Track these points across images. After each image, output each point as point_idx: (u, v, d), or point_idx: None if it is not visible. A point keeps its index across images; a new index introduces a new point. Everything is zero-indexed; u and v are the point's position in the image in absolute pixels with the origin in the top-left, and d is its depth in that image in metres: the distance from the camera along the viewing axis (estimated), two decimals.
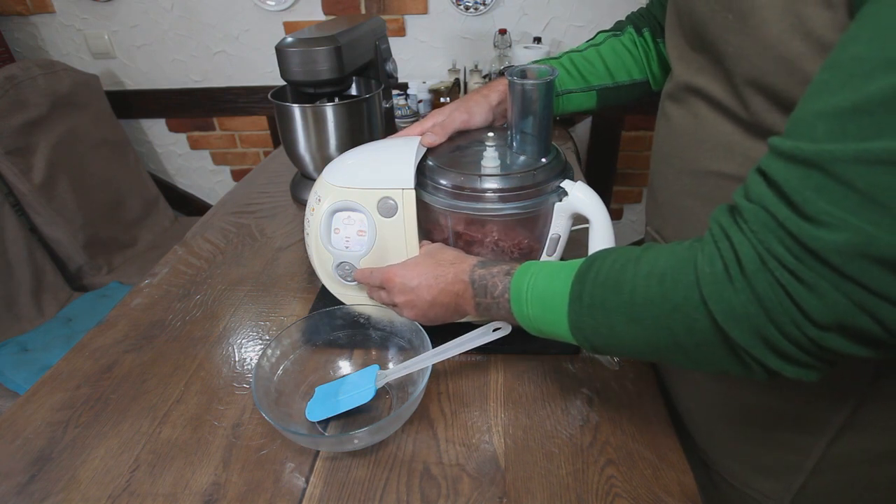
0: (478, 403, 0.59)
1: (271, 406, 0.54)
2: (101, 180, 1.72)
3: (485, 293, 0.51)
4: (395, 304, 0.59)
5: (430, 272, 0.55)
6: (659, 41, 0.68)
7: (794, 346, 0.33)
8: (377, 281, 0.60)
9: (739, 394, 0.54)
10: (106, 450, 0.55)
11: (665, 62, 0.69)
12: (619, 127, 1.90)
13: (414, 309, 0.57)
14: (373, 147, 0.65)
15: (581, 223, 0.62)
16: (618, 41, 0.71)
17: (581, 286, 0.43)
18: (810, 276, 0.30)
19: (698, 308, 0.35)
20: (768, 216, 0.32)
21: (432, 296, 0.55)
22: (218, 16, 1.78)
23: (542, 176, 0.59)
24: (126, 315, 0.75)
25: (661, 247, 0.40)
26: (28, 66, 1.58)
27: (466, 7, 1.71)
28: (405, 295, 0.56)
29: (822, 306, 0.30)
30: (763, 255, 0.32)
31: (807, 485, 0.53)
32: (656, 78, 0.71)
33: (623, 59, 0.71)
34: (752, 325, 0.33)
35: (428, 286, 0.55)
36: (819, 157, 0.29)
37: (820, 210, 0.29)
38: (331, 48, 0.91)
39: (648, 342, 0.39)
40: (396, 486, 0.51)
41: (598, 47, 0.71)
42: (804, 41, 0.36)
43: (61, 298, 1.55)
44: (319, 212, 0.61)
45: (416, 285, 0.55)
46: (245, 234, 0.95)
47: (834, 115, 0.29)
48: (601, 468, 0.52)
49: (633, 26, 0.71)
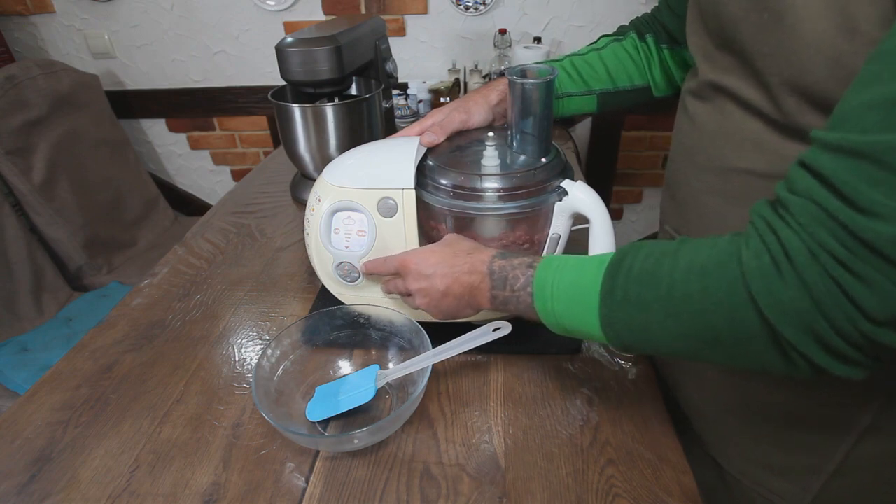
0: (478, 403, 0.59)
1: (271, 406, 0.54)
2: (101, 180, 1.72)
3: (504, 285, 0.49)
4: (410, 292, 0.56)
5: (446, 261, 0.53)
6: (663, 47, 0.68)
7: (846, 343, 0.32)
8: (392, 268, 0.58)
9: (757, 393, 0.53)
10: (106, 450, 0.55)
11: (667, 68, 0.69)
12: (619, 127, 1.90)
13: (427, 297, 0.54)
14: (373, 147, 0.65)
15: (581, 223, 0.62)
16: (620, 46, 0.71)
17: (613, 281, 0.41)
18: (864, 268, 0.30)
19: (744, 303, 0.34)
20: (817, 208, 0.31)
21: (446, 285, 0.53)
22: (218, 16, 1.78)
23: (542, 175, 0.59)
24: (126, 315, 0.75)
25: (698, 241, 0.39)
26: (28, 66, 1.57)
27: (466, 7, 1.71)
28: (419, 282, 0.54)
29: (876, 300, 0.30)
30: (813, 248, 0.31)
31: (826, 487, 0.52)
32: (657, 84, 0.71)
33: (625, 64, 0.70)
34: (803, 321, 0.32)
35: (443, 275, 0.53)
36: (870, 147, 0.29)
37: (873, 201, 0.29)
38: (331, 48, 0.91)
39: (686, 338, 0.38)
40: (396, 486, 0.51)
41: (600, 51, 0.71)
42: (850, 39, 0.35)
43: (61, 298, 1.55)
44: (319, 212, 0.61)
45: (430, 273, 0.53)
46: (245, 234, 0.95)
47: (885, 105, 0.28)
48: (601, 468, 0.52)
49: (635, 31, 0.71)
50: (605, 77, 0.71)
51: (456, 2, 1.70)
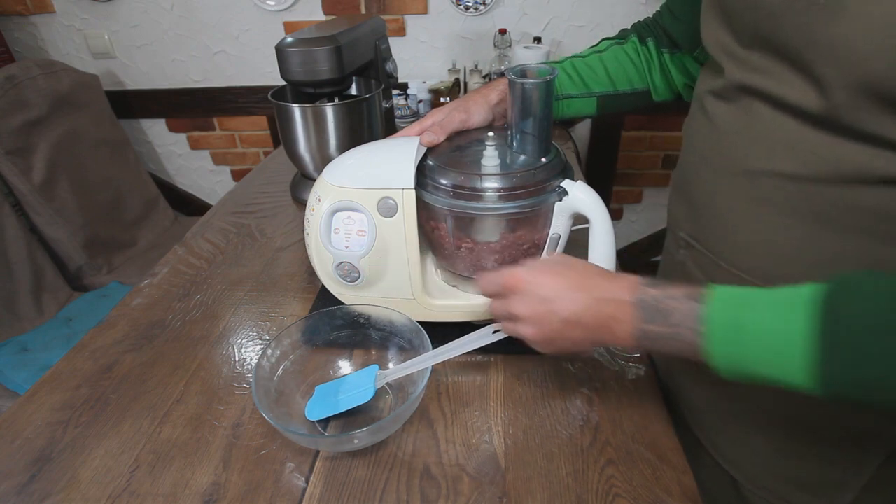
0: (478, 403, 0.59)
1: (271, 406, 0.54)
2: (101, 180, 1.72)
3: (658, 318, 0.42)
4: (516, 317, 0.48)
5: (574, 283, 0.46)
6: (664, 51, 0.68)
7: None
8: (496, 286, 0.50)
9: (782, 406, 0.51)
10: (106, 450, 0.55)
11: (667, 73, 0.69)
12: (619, 127, 1.90)
13: (541, 326, 0.46)
14: (373, 147, 0.65)
15: (581, 223, 0.62)
16: (621, 49, 0.71)
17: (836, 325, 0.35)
18: None
19: None
20: None
21: (574, 312, 0.45)
22: (218, 16, 1.78)
23: (542, 175, 0.59)
24: (126, 315, 0.75)
25: None
26: (28, 66, 1.58)
27: (466, 7, 1.71)
28: (533, 307, 0.46)
29: None
30: None
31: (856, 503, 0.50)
32: (657, 88, 0.71)
33: (625, 68, 0.70)
34: None
35: (572, 299, 0.45)
36: None
37: None
38: (331, 48, 0.91)
39: None
40: (396, 486, 0.51)
41: (601, 54, 0.71)
42: None
43: (61, 298, 1.55)
44: (319, 212, 0.61)
45: (553, 296, 0.45)
46: (245, 234, 0.95)
47: None
48: (601, 468, 0.52)
49: (636, 35, 0.71)
50: (606, 80, 0.71)
51: (456, 2, 1.70)
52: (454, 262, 0.66)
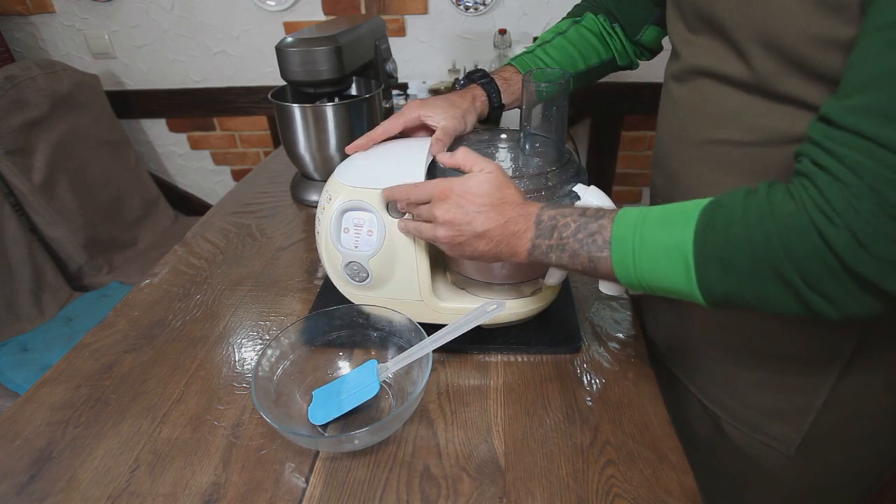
0: (478, 403, 0.59)
1: (271, 406, 0.54)
2: (101, 180, 1.72)
3: (550, 234, 0.48)
4: (436, 220, 0.53)
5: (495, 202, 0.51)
6: (615, 26, 0.75)
7: None
8: (425, 193, 0.54)
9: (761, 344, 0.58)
10: (106, 450, 0.55)
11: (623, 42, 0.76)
12: (619, 127, 1.90)
13: (456, 233, 0.52)
14: (385, 148, 0.65)
15: None
16: (581, 26, 0.76)
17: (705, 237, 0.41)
18: None
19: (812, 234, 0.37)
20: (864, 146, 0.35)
21: (488, 227, 0.50)
22: (218, 16, 1.78)
23: (554, 179, 0.58)
24: (126, 315, 0.75)
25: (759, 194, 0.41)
26: (28, 66, 1.57)
27: (466, 7, 1.71)
28: (454, 214, 0.51)
29: None
30: None
31: (815, 425, 0.57)
32: (619, 54, 0.77)
33: (590, 42, 0.76)
34: None
35: (488, 217, 0.50)
36: None
37: None
38: (331, 48, 0.91)
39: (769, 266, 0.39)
40: (396, 486, 0.51)
41: (564, 35, 0.76)
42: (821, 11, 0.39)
43: (61, 298, 1.55)
44: (330, 210, 0.61)
45: (473, 211, 0.51)
46: (245, 234, 0.95)
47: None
48: (601, 468, 0.52)
49: (591, 10, 0.76)
50: (578, 58, 0.76)
51: (456, 2, 1.70)
52: (463, 264, 0.66)
